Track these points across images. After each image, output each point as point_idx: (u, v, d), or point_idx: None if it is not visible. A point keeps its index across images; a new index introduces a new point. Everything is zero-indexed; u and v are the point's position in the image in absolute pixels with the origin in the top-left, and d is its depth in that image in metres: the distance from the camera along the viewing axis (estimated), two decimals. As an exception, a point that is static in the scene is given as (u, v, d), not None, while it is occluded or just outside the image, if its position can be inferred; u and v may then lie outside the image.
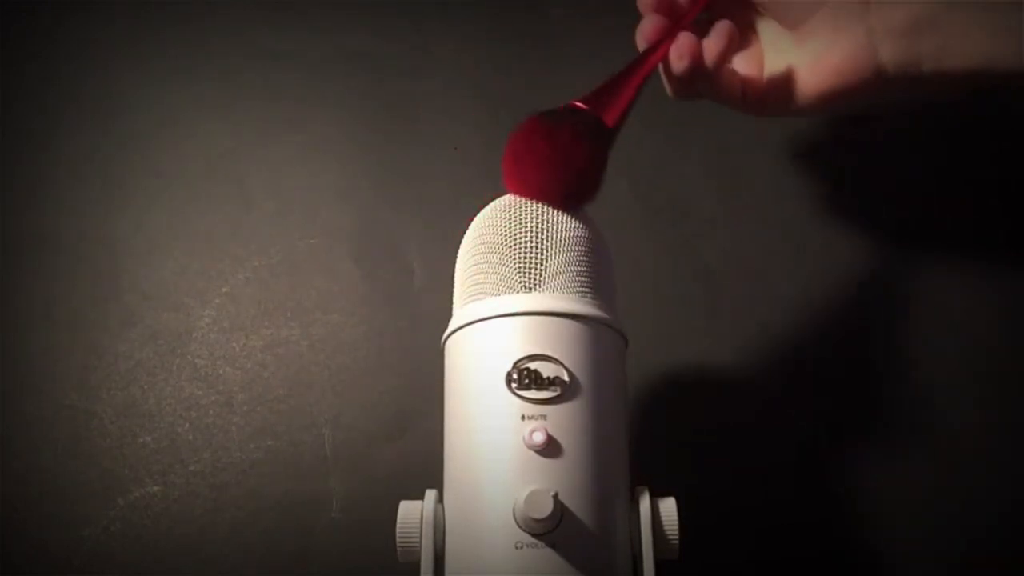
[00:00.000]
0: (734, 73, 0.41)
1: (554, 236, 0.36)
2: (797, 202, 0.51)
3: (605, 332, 0.36)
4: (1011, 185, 0.51)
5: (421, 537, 0.34)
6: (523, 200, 0.37)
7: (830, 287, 0.49)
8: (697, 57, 0.39)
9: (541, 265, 0.35)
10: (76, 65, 0.55)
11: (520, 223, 0.36)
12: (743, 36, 0.42)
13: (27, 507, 0.46)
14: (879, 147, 0.52)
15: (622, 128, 0.38)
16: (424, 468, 0.39)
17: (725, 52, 0.39)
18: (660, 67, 0.41)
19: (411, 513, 0.35)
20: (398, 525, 0.34)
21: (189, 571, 0.45)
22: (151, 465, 0.46)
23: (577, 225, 0.37)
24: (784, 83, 0.40)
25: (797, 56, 0.40)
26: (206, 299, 0.50)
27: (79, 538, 0.45)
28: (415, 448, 0.46)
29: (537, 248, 0.36)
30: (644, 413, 0.46)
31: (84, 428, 0.47)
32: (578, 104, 0.38)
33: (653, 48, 0.40)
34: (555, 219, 0.36)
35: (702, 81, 0.40)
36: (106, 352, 0.49)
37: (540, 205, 0.36)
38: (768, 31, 0.42)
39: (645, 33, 0.40)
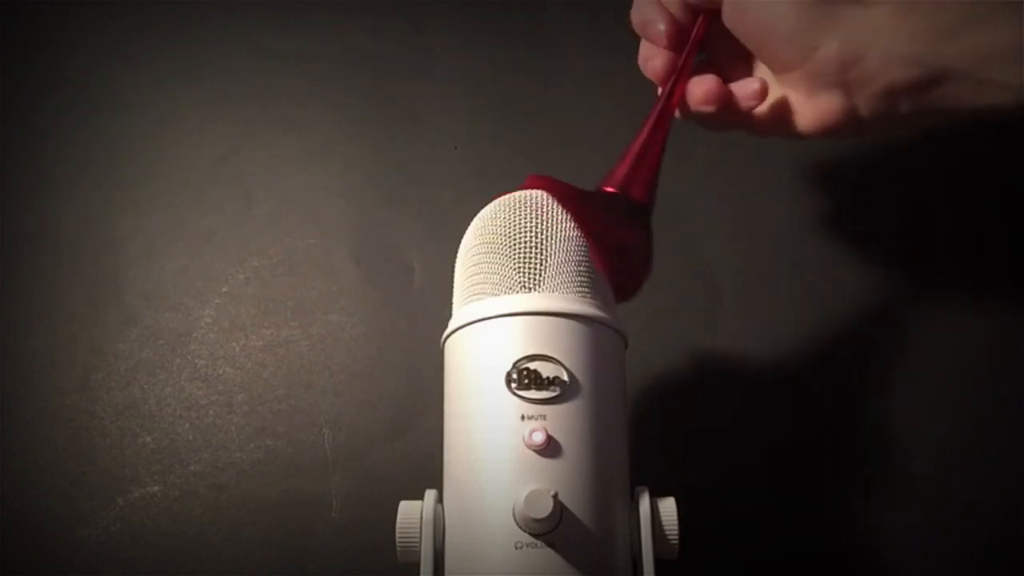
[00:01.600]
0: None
1: (554, 236, 0.36)
2: (798, 203, 0.51)
3: (605, 332, 0.36)
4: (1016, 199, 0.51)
5: (421, 537, 0.34)
6: (522, 200, 0.37)
7: (830, 288, 0.49)
8: (723, 101, 0.40)
9: (541, 265, 0.35)
10: (76, 65, 0.55)
11: (520, 223, 0.36)
12: (744, 65, 0.42)
13: (27, 507, 0.46)
14: (881, 151, 0.52)
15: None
16: (424, 468, 0.39)
17: (760, 97, 0.40)
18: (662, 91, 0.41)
19: (411, 513, 0.35)
20: (398, 525, 0.34)
21: (189, 571, 0.45)
22: (151, 465, 0.46)
23: (577, 225, 0.37)
24: (781, 115, 0.41)
25: (785, 95, 0.41)
26: (206, 299, 0.50)
27: (79, 538, 0.45)
28: (415, 448, 0.46)
29: (537, 248, 0.36)
30: (644, 413, 0.46)
31: (84, 428, 0.47)
32: (611, 190, 0.39)
33: (667, 96, 0.40)
34: (554, 219, 0.36)
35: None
36: (106, 352, 0.49)
37: (540, 205, 0.36)
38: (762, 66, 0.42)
39: (657, 72, 0.41)
